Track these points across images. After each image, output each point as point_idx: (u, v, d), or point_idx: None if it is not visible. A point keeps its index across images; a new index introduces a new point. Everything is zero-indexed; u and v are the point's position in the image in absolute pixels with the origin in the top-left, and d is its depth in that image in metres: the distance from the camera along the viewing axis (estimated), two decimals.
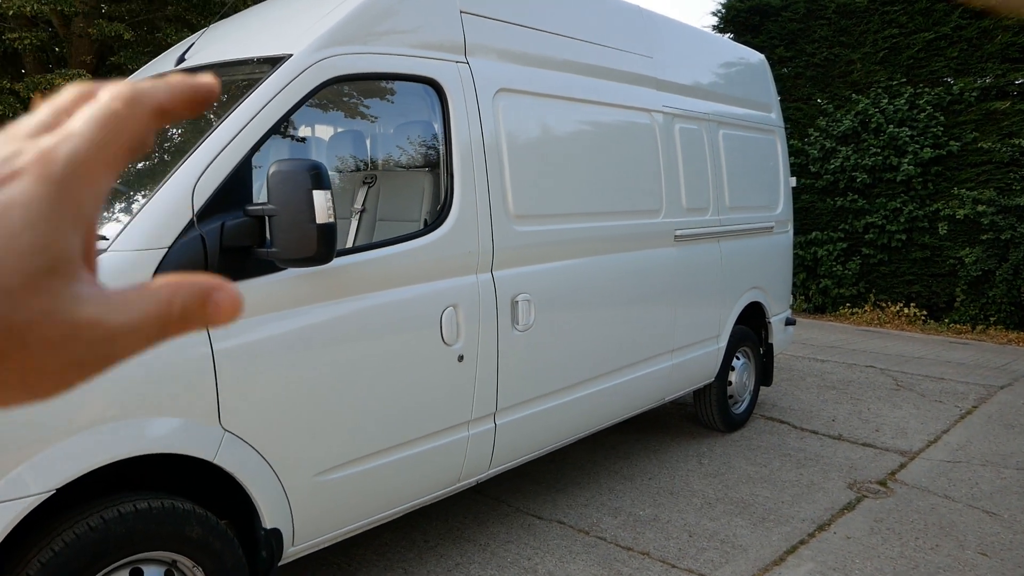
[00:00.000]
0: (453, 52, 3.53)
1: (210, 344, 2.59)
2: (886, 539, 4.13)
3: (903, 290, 11.42)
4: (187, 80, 0.39)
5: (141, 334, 0.36)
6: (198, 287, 0.38)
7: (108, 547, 2.40)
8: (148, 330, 0.37)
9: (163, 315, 0.37)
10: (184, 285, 0.37)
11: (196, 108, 0.39)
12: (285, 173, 2.58)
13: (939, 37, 10.91)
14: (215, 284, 0.38)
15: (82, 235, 0.36)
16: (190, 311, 0.37)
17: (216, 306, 0.38)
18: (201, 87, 0.39)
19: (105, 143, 0.35)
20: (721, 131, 5.48)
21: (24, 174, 0.34)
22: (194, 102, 0.39)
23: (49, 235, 0.34)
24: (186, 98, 0.39)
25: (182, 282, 0.38)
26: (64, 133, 0.35)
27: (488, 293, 3.53)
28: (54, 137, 0.35)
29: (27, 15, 8.58)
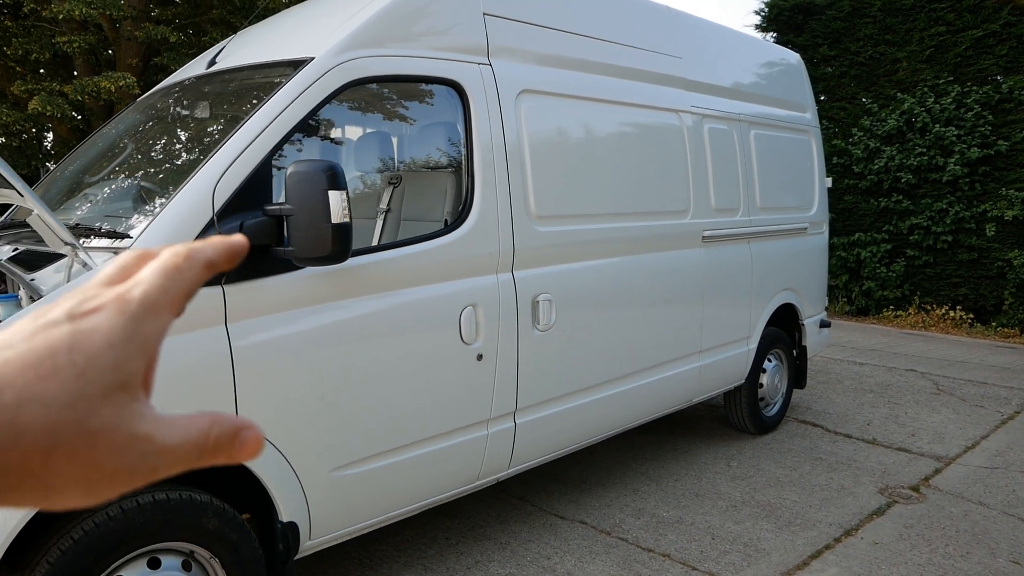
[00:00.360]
0: (476, 54, 3.56)
1: (228, 340, 2.65)
2: (915, 545, 4.07)
3: (949, 293, 11.19)
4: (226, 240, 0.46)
5: (182, 455, 0.42)
6: (232, 424, 0.44)
7: (127, 536, 2.48)
8: (188, 453, 0.42)
9: (201, 442, 0.42)
10: (221, 420, 0.43)
11: (235, 261, 0.47)
12: (302, 174, 2.63)
13: (988, 34, 10.67)
14: (245, 424, 0.44)
15: (145, 362, 0.42)
16: (222, 443, 0.43)
17: (243, 442, 0.44)
18: (236, 245, 0.47)
19: (169, 288, 0.42)
20: (753, 131, 5.43)
21: (105, 309, 0.41)
22: (233, 257, 0.46)
23: (123, 357, 0.40)
24: (228, 255, 0.46)
25: (219, 417, 0.43)
26: (135, 280, 0.43)
27: (508, 293, 3.55)
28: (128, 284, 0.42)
29: (76, 19, 8.81)
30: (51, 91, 8.77)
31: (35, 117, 8.97)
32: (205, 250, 0.45)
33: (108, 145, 3.93)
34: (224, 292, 2.64)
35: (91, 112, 10.31)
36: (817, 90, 12.48)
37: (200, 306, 2.58)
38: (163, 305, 0.42)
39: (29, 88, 8.84)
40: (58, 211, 3.46)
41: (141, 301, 0.41)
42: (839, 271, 12.09)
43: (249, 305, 2.71)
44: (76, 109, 9.74)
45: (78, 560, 2.38)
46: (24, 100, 9.06)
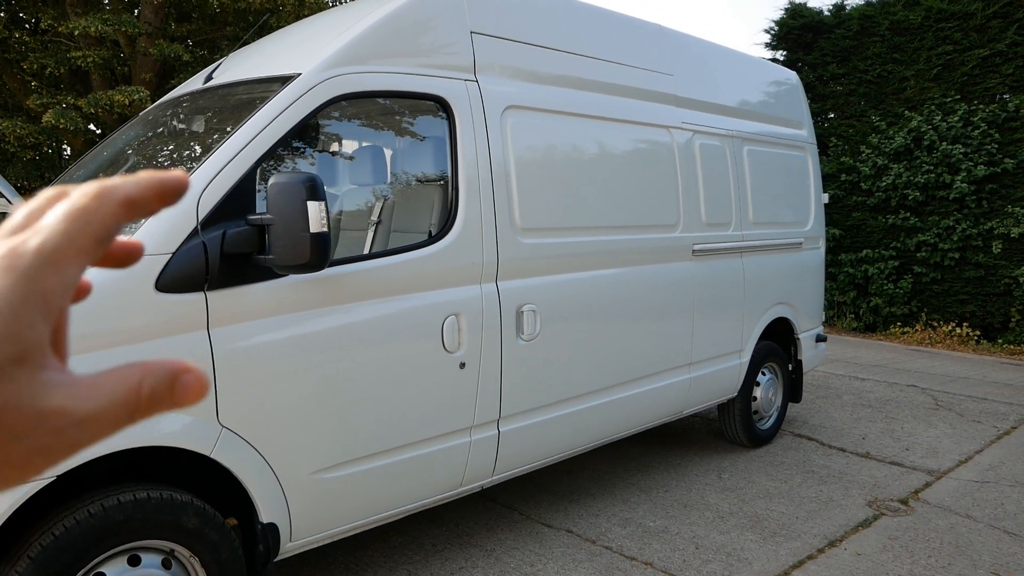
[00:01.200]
0: (462, 71, 3.66)
1: (210, 345, 2.75)
2: (897, 556, 4.09)
3: (956, 309, 11.18)
4: (156, 175, 0.40)
5: (109, 419, 0.37)
6: (166, 371, 0.39)
7: (106, 533, 2.56)
8: (116, 415, 0.37)
9: (131, 399, 0.38)
10: (152, 369, 0.38)
11: (166, 200, 0.41)
12: (282, 185, 2.73)
13: (994, 54, 10.71)
14: (182, 367, 0.39)
15: (51, 323, 0.37)
16: (158, 394, 0.38)
17: (183, 388, 0.39)
18: (169, 181, 0.40)
19: (73, 235, 0.37)
20: (746, 147, 5.50)
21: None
22: (163, 195, 0.40)
23: (17, 325, 0.35)
24: (155, 192, 0.40)
25: (150, 366, 0.39)
26: (33, 229, 0.37)
27: (492, 303, 3.63)
28: (24, 235, 0.37)
29: (92, 35, 9.02)
30: (65, 105, 8.98)
31: (49, 130, 9.17)
32: (124, 187, 0.39)
33: (109, 157, 4.06)
34: (207, 298, 2.74)
35: (106, 125, 10.52)
36: (826, 108, 12.59)
37: (182, 312, 2.68)
38: (66, 255, 0.36)
39: (44, 102, 9.05)
40: None
41: (37, 253, 0.36)
42: (847, 287, 12.10)
43: (231, 311, 2.80)
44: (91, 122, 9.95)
45: (59, 556, 2.47)
46: (39, 114, 9.27)
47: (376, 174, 4.10)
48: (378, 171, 4.10)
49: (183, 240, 2.71)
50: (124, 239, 0.44)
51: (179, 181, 0.41)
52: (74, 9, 9.85)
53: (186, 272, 2.68)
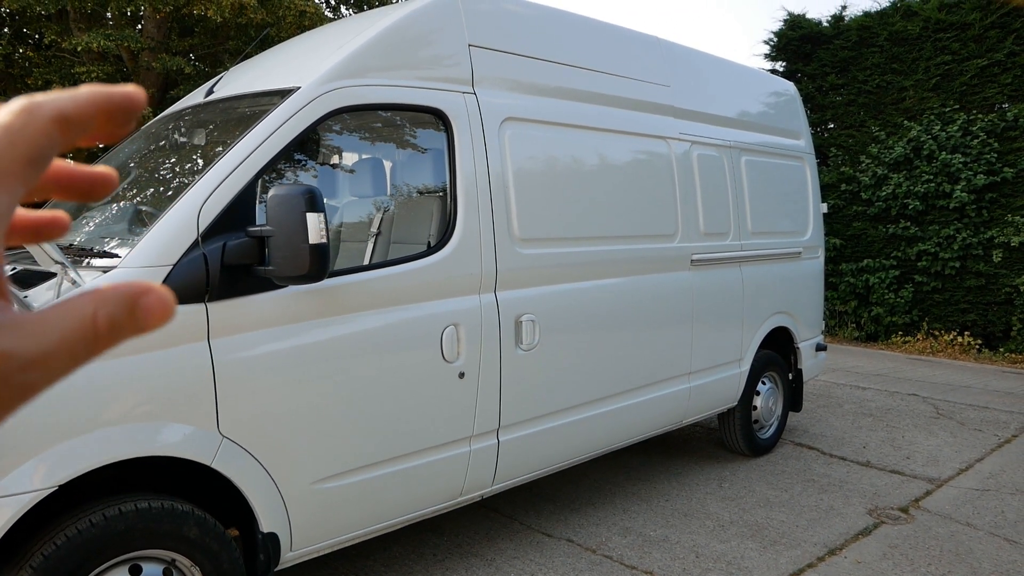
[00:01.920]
0: (460, 83, 3.70)
1: (211, 356, 2.77)
2: (897, 564, 4.10)
3: (957, 318, 11.18)
4: (99, 88, 0.36)
5: (64, 357, 0.34)
6: (123, 294, 0.35)
7: (108, 543, 2.59)
8: (72, 351, 0.34)
9: (87, 332, 0.34)
10: (107, 295, 0.35)
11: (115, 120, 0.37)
12: (281, 197, 2.76)
13: (992, 63, 10.75)
14: (141, 287, 0.36)
15: None
16: (118, 321, 0.35)
17: (145, 311, 0.35)
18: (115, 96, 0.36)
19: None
20: (744, 158, 5.53)
21: None
22: (109, 112, 0.36)
23: None
24: (97, 107, 0.36)
25: (104, 291, 0.35)
26: None
27: (491, 313, 3.66)
28: None
29: (96, 51, 9.09)
30: None
31: None
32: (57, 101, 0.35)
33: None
34: (207, 309, 2.77)
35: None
36: (825, 118, 12.63)
37: (183, 322, 2.71)
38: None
39: None
40: None
41: None
42: (848, 297, 12.12)
43: (232, 322, 2.83)
44: None
45: (61, 565, 2.49)
46: None
47: (375, 186, 4.14)
48: (377, 183, 4.13)
49: (184, 252, 2.74)
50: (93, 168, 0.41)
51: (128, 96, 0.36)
52: (77, 25, 9.93)
53: (187, 283, 2.71)
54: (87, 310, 0.34)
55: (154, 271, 2.68)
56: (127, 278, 2.62)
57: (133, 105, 0.37)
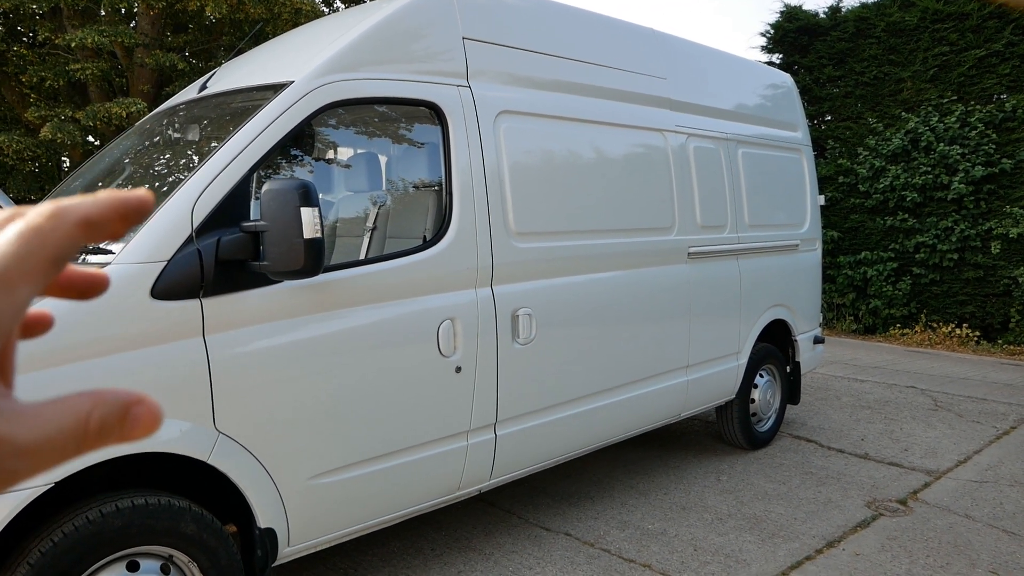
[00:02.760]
0: (454, 77, 3.68)
1: (206, 352, 2.76)
2: (895, 556, 4.10)
3: (955, 310, 11.18)
4: (117, 195, 0.38)
5: (54, 450, 0.35)
6: (117, 401, 0.37)
7: (105, 540, 2.58)
8: (63, 445, 0.35)
9: (79, 430, 0.36)
10: (103, 399, 0.36)
11: (129, 221, 0.39)
12: (275, 191, 2.75)
13: (991, 54, 10.73)
14: (135, 398, 0.37)
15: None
16: (108, 426, 0.36)
17: (135, 420, 0.37)
18: (132, 201, 0.38)
19: (24, 257, 0.35)
20: (741, 150, 5.52)
21: None
22: (125, 215, 0.38)
23: None
24: (116, 212, 0.38)
25: (101, 395, 0.36)
26: None
27: (487, 307, 3.65)
28: None
29: (90, 47, 9.06)
30: (63, 118, 9.01)
31: (47, 143, 9.21)
32: (81, 207, 0.37)
33: (106, 167, 4.08)
34: (202, 304, 2.76)
35: (104, 137, 10.56)
36: (822, 110, 12.61)
37: (178, 318, 2.70)
38: (18, 276, 0.35)
39: (42, 115, 9.09)
40: None
41: None
42: (846, 289, 12.11)
43: (227, 318, 2.82)
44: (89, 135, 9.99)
45: (58, 562, 2.49)
46: (38, 126, 9.31)
47: (370, 181, 4.12)
48: (372, 178, 4.12)
49: (178, 247, 2.72)
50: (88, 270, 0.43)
51: (142, 201, 0.39)
52: (71, 22, 9.89)
53: (181, 279, 2.70)
54: (83, 409, 0.36)
55: (148, 267, 2.66)
56: (122, 275, 2.61)
57: (145, 208, 0.39)
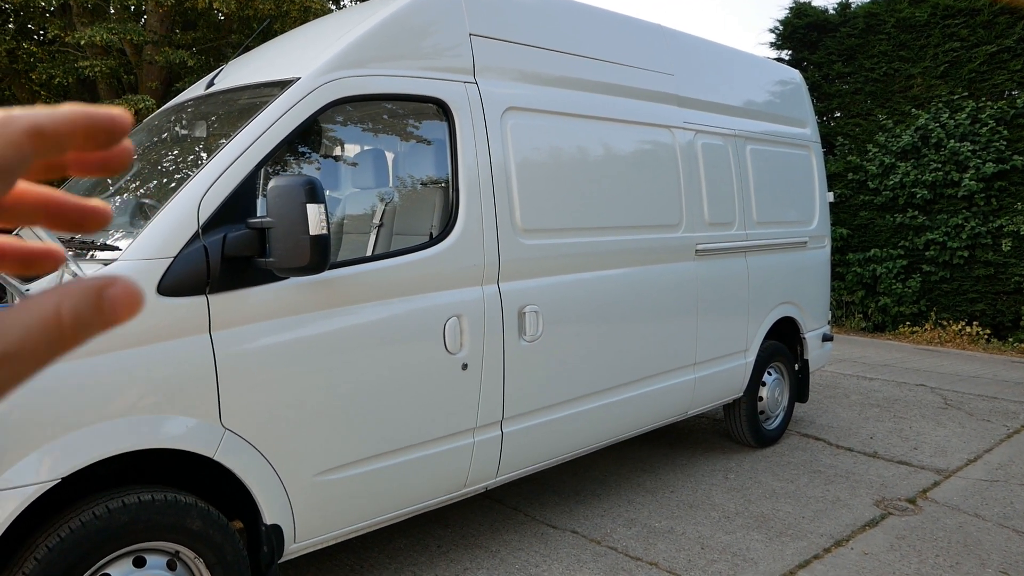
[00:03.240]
0: (461, 73, 3.68)
1: (212, 348, 2.76)
2: (904, 556, 4.08)
3: (966, 308, 11.12)
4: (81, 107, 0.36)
5: (27, 355, 0.33)
6: (87, 288, 0.34)
7: (111, 535, 2.58)
8: (35, 349, 0.33)
9: (51, 328, 0.33)
10: (70, 289, 0.34)
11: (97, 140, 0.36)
12: (281, 188, 2.75)
13: (1002, 50, 10.66)
14: (105, 280, 0.35)
15: None
16: (83, 316, 0.34)
17: (112, 303, 0.35)
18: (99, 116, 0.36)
19: None
20: (749, 147, 5.50)
21: None
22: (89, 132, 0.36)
23: None
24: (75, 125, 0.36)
25: (67, 287, 0.34)
26: None
27: (494, 304, 3.64)
28: None
29: (99, 44, 9.08)
30: None
31: None
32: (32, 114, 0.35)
33: None
34: (208, 301, 2.76)
35: None
36: (832, 107, 12.56)
37: (184, 314, 2.70)
38: None
39: None
40: None
41: None
42: (855, 287, 12.07)
43: (233, 314, 2.82)
44: None
45: (65, 558, 2.49)
46: None
47: (377, 177, 4.12)
48: (379, 174, 4.12)
49: (184, 244, 2.73)
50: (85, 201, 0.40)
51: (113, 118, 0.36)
52: (80, 19, 9.92)
53: (188, 276, 2.70)
54: (49, 305, 0.34)
55: (155, 263, 2.67)
56: (129, 272, 2.62)
57: (116, 127, 0.36)
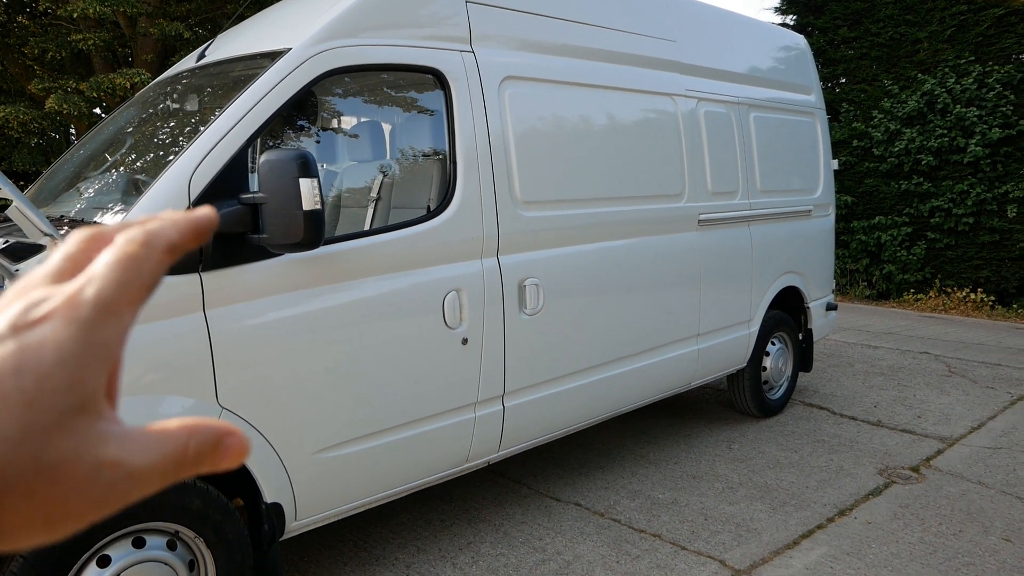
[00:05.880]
0: (457, 41, 3.60)
1: (207, 327, 2.72)
2: (908, 524, 4.06)
3: (971, 275, 11.05)
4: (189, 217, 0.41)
5: (157, 474, 0.37)
6: (212, 433, 0.39)
7: (109, 517, 2.55)
8: (164, 470, 0.37)
9: (179, 457, 0.38)
10: (199, 429, 0.39)
11: (202, 238, 0.41)
12: (273, 162, 2.69)
13: (1009, 13, 10.50)
14: (226, 430, 0.40)
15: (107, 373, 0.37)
16: (202, 454, 0.39)
17: (226, 450, 0.40)
18: (202, 220, 0.41)
19: (127, 283, 0.37)
20: (752, 114, 5.41)
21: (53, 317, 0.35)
22: (199, 234, 0.41)
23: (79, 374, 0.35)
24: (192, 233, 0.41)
25: (197, 426, 0.39)
26: (87, 277, 0.37)
27: (494, 278, 3.59)
28: (78, 281, 0.37)
29: (92, 17, 8.96)
30: (67, 89, 8.93)
31: (53, 115, 9.14)
32: (165, 232, 0.39)
33: (105, 139, 4.03)
34: (201, 279, 2.71)
35: (109, 109, 10.49)
36: (837, 72, 12.41)
37: (177, 293, 2.66)
38: (122, 303, 0.37)
39: (46, 86, 9.01)
40: (54, 203, 3.56)
41: (95, 303, 0.36)
42: (859, 255, 12.00)
43: (227, 292, 2.78)
44: (94, 106, 9.91)
45: (63, 540, 2.47)
46: (42, 99, 9.24)
47: (373, 150, 4.05)
48: (375, 147, 4.05)
49: None
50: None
51: (209, 219, 0.41)
52: None
53: None
54: (182, 438, 0.38)
55: None
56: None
57: (213, 224, 0.42)
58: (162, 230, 0.39)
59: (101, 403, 0.37)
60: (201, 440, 0.39)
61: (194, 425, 0.39)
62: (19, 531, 0.34)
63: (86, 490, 0.35)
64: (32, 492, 0.34)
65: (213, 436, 0.39)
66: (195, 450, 0.39)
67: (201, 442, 0.39)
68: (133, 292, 0.37)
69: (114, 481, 0.36)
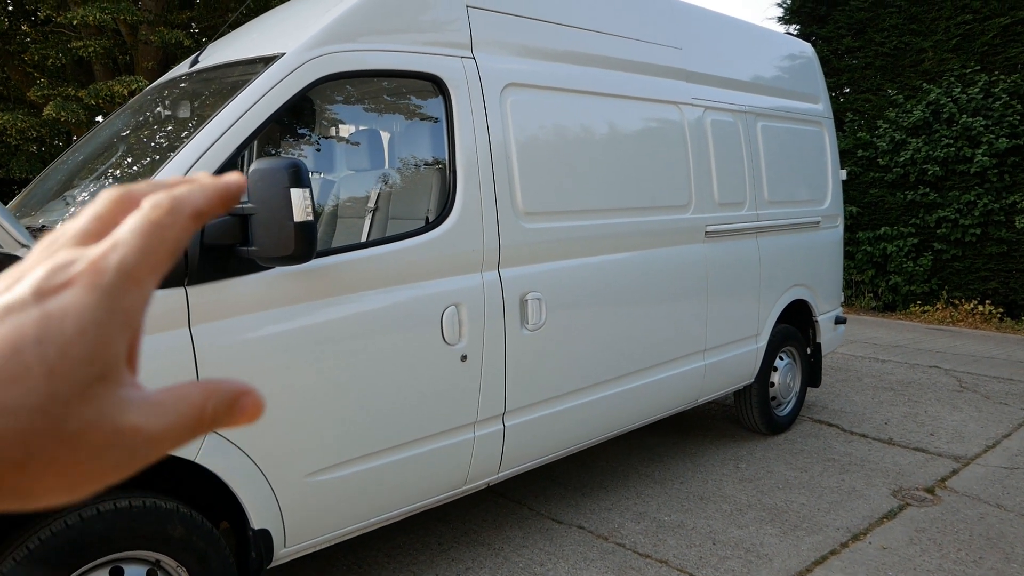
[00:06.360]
0: (458, 47, 3.47)
1: (192, 344, 2.59)
2: (925, 550, 3.91)
3: (978, 287, 10.90)
4: (218, 182, 0.40)
5: (174, 436, 0.38)
6: (228, 392, 0.39)
7: (86, 545, 2.42)
8: (180, 432, 0.38)
9: (197, 419, 0.38)
10: (216, 390, 0.39)
11: (229, 204, 0.41)
12: (263, 171, 2.55)
13: (1016, 22, 10.38)
14: (243, 389, 0.40)
15: (128, 341, 0.37)
16: (219, 414, 0.39)
17: (242, 409, 0.40)
18: (231, 186, 0.41)
19: (150, 250, 0.37)
20: (760, 123, 5.28)
21: (76, 283, 0.35)
22: (226, 201, 0.41)
23: (101, 342, 0.35)
24: (220, 199, 0.40)
25: (214, 386, 0.39)
26: (111, 242, 0.36)
27: (494, 292, 3.46)
28: (102, 246, 0.36)
29: (92, 24, 8.87)
30: (66, 96, 8.83)
31: (51, 123, 9.04)
32: (192, 197, 0.39)
33: (97, 145, 3.90)
34: (187, 293, 2.58)
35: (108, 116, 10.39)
36: (841, 82, 12.28)
37: (161, 308, 2.52)
38: (144, 271, 0.36)
39: (45, 93, 8.91)
40: (41, 211, 3.43)
41: (118, 270, 0.35)
42: (865, 266, 11.85)
43: (214, 307, 2.64)
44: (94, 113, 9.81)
45: (34, 571, 2.33)
46: (42, 106, 9.14)
47: (371, 159, 3.92)
48: (373, 155, 3.92)
49: None
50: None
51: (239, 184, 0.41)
52: None
53: None
54: (199, 399, 0.38)
55: None
56: None
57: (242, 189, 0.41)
58: (189, 196, 0.39)
59: (122, 370, 0.36)
60: (218, 401, 0.39)
61: (210, 385, 0.39)
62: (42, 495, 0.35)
63: (107, 455, 0.35)
64: (54, 459, 0.34)
65: (229, 396, 0.39)
66: (212, 411, 0.39)
67: (218, 403, 0.39)
68: (156, 259, 0.37)
69: (134, 446, 0.36)
